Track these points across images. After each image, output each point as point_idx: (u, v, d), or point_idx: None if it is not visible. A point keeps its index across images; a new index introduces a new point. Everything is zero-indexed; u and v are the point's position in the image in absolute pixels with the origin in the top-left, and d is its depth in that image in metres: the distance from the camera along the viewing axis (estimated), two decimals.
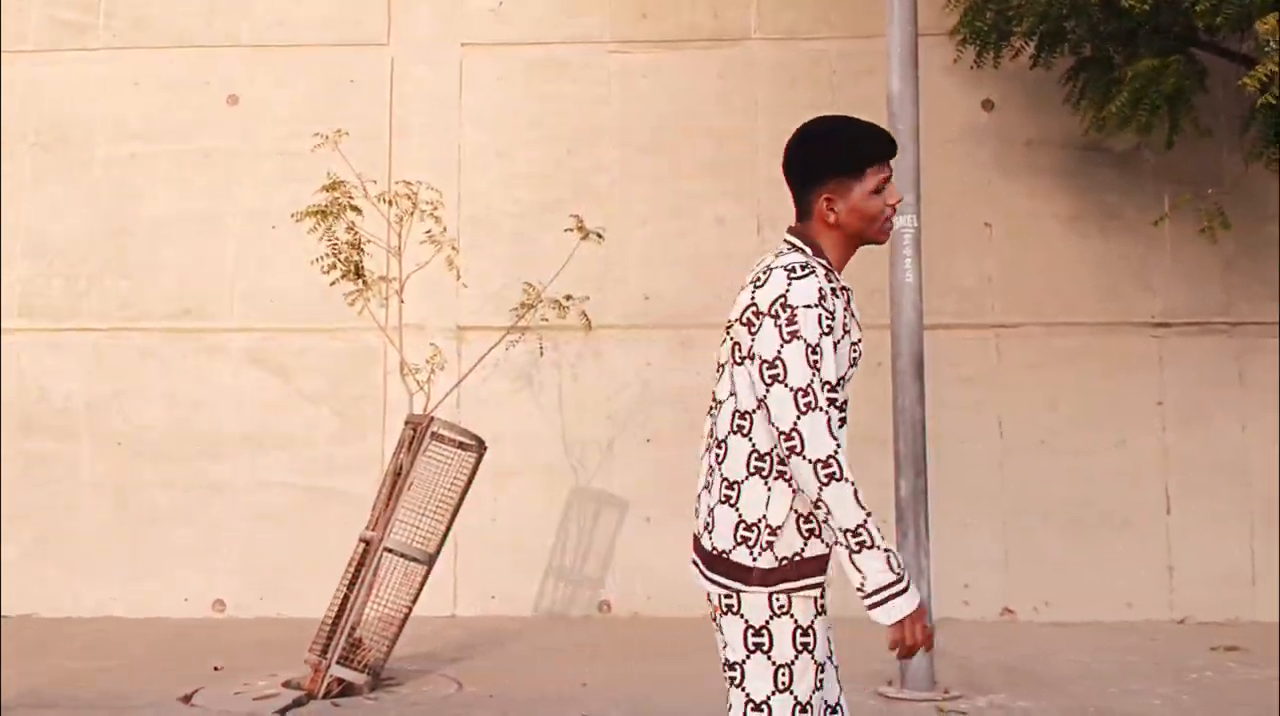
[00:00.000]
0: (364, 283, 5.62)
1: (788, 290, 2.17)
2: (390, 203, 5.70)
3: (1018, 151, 7.50)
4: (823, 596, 2.24)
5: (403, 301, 5.84)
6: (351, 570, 5.25)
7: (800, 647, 2.19)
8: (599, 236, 6.06)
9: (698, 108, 7.58)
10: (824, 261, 2.27)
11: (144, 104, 7.71)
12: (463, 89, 7.65)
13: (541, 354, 7.06)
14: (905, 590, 2.12)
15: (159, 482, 7.40)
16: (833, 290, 2.21)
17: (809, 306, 2.15)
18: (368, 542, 5.23)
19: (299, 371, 7.49)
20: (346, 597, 5.16)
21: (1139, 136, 6.49)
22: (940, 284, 7.23)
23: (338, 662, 5.00)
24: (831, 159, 2.30)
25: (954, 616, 7.01)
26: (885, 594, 2.12)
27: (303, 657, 5.24)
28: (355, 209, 5.59)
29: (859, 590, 2.13)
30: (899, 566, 2.13)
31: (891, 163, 2.33)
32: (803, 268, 2.20)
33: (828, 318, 2.16)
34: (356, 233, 5.57)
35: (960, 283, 7.39)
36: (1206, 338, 7.29)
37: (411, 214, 5.72)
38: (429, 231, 5.69)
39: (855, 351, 2.27)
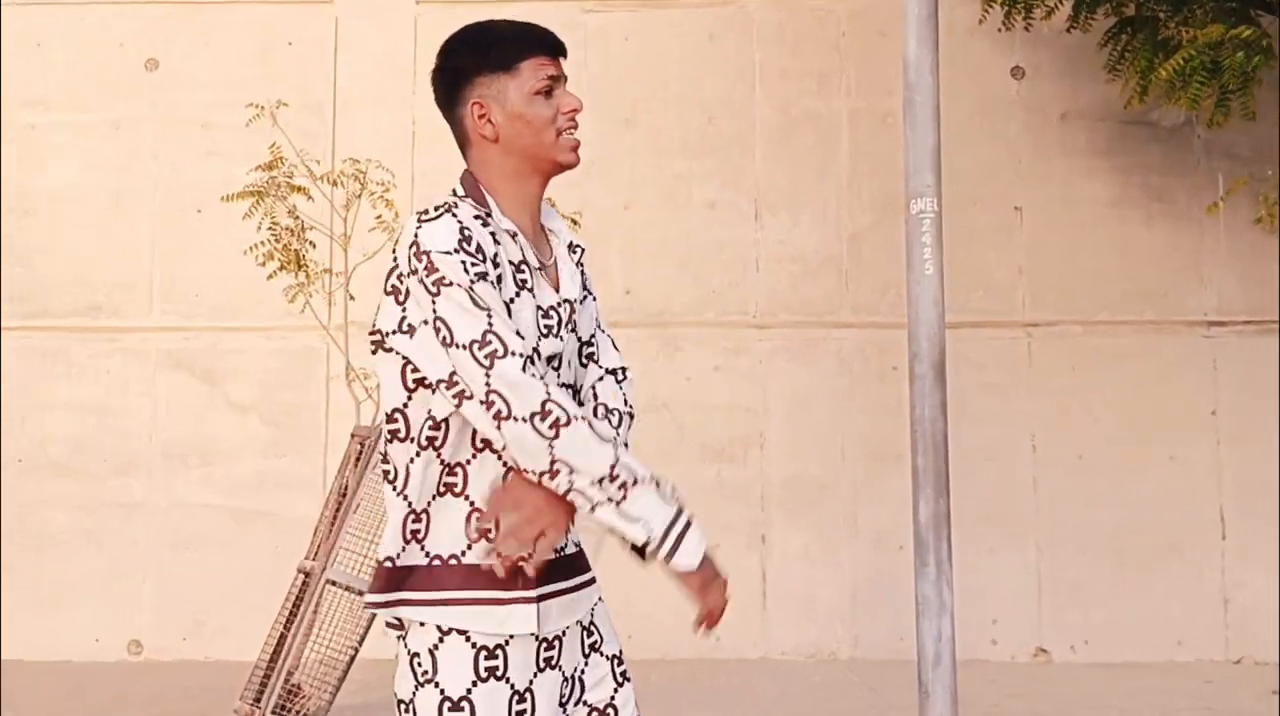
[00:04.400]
0: (306, 275, 5.59)
1: (417, 236, 1.92)
2: (335, 184, 5.68)
3: (1051, 126, 7.52)
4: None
5: (352, 297, 5.83)
6: (289, 605, 5.24)
7: None
8: (574, 222, 6.04)
9: (687, 75, 7.58)
10: (479, 204, 2.02)
11: (48, 68, 7.64)
12: (417, 53, 7.57)
13: None
14: (691, 521, 1.91)
15: (65, 505, 7.33)
16: (492, 233, 1.97)
17: (442, 252, 1.89)
18: (307, 573, 5.21)
19: (228, 376, 7.43)
20: (283, 637, 5.14)
21: (1186, 110, 6.51)
22: (964, 277, 7.24)
23: (273, 712, 4.98)
24: (477, 56, 2.04)
25: (981, 657, 6.99)
26: (676, 530, 1.90)
27: (232, 707, 5.18)
28: (300, 190, 5.57)
29: (646, 545, 1.89)
30: (672, 493, 1.92)
31: (562, 64, 2.08)
32: (436, 208, 1.96)
33: (475, 262, 1.90)
34: (299, 218, 5.56)
35: (987, 275, 7.42)
36: (1266, 338, 7.32)
37: (359, 197, 5.70)
38: (379, 217, 5.67)
39: (551, 317, 2.03)
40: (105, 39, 7.67)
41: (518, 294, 1.97)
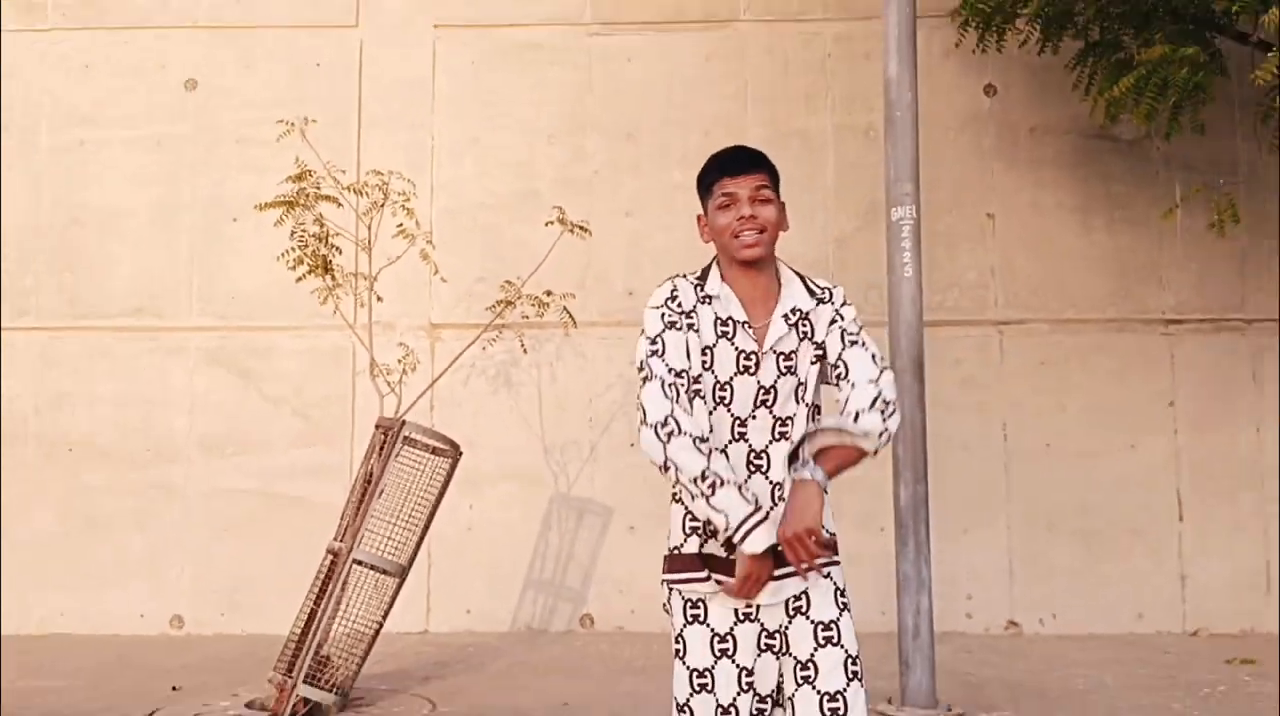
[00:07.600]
0: (334, 279, 5.61)
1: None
2: (360, 193, 5.70)
3: (1021, 139, 7.53)
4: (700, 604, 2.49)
5: (380, 299, 5.85)
6: (318, 583, 5.24)
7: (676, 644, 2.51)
8: (584, 230, 6.03)
9: (685, 93, 7.59)
10: (702, 275, 2.61)
11: (96, 88, 7.68)
12: (435, 73, 7.63)
13: (525, 352, 7.07)
14: (765, 519, 2.33)
15: (111, 490, 7.37)
16: (703, 298, 2.54)
17: (653, 307, 2.55)
18: (335, 554, 5.23)
19: (261, 373, 7.47)
20: (313, 612, 5.15)
21: (1139, 124, 6.51)
22: (940, 278, 7.30)
23: (304, 682, 4.98)
24: (698, 183, 2.68)
25: (957, 630, 7.05)
26: (750, 523, 2.32)
27: (266, 677, 5.24)
28: (329, 199, 5.59)
29: (725, 532, 2.34)
30: (753, 497, 2.36)
31: (744, 179, 2.56)
32: (673, 277, 2.61)
33: (671, 314, 2.51)
34: (325, 226, 5.57)
35: (961, 277, 7.43)
36: (1220, 335, 7.34)
37: (382, 206, 5.71)
38: (400, 224, 5.68)
39: (750, 360, 2.50)
40: (148, 61, 7.71)
41: (717, 340, 2.50)
